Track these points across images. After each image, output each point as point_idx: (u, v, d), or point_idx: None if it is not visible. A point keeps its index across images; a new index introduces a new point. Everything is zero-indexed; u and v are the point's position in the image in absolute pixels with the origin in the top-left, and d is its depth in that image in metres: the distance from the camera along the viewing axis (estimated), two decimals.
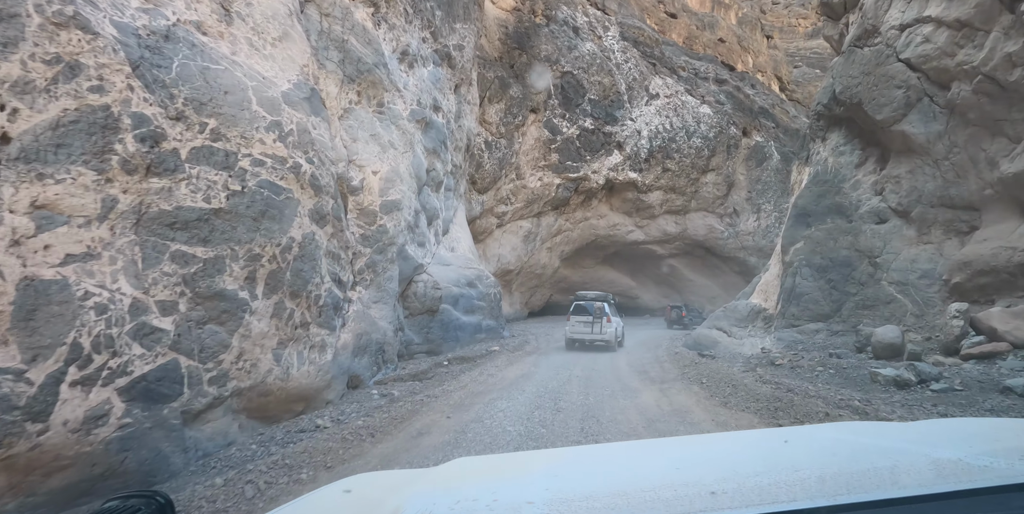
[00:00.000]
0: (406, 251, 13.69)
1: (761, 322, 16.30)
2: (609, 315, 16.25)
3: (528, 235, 30.63)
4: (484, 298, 19.73)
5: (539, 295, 34.04)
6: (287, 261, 7.45)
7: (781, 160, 37.67)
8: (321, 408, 8.32)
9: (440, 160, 16.40)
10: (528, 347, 18.16)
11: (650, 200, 34.53)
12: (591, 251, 34.77)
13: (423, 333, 15.02)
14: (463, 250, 18.89)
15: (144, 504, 1.03)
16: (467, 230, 20.69)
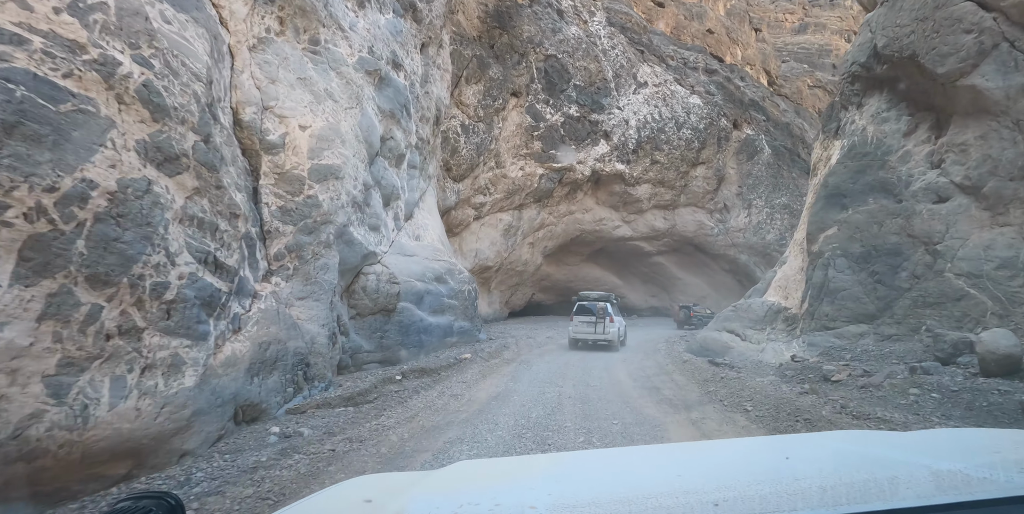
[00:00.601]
0: (350, 234, 10.38)
1: (782, 324, 13.28)
2: (612, 315, 15.40)
3: (508, 229, 27.43)
4: (456, 296, 16.48)
5: (520, 294, 30.89)
6: (77, 221, 4.16)
7: (772, 154, 35.02)
8: (168, 466, 5.01)
9: (401, 128, 13.12)
10: (507, 353, 14.94)
11: (638, 194, 31.56)
12: (576, 247, 31.70)
13: (376, 338, 11.72)
14: (431, 239, 15.63)
15: (155, 505, 0.97)
16: (438, 218, 17.43)
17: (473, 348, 15.42)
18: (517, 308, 31.57)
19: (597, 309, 15.25)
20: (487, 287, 27.98)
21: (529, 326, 26.20)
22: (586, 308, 15.45)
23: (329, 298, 9.35)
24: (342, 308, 10.82)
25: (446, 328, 15.54)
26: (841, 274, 11.83)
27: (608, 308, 15.48)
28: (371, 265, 11.72)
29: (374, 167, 11.78)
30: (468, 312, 17.44)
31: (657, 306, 35.55)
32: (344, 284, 10.81)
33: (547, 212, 29.15)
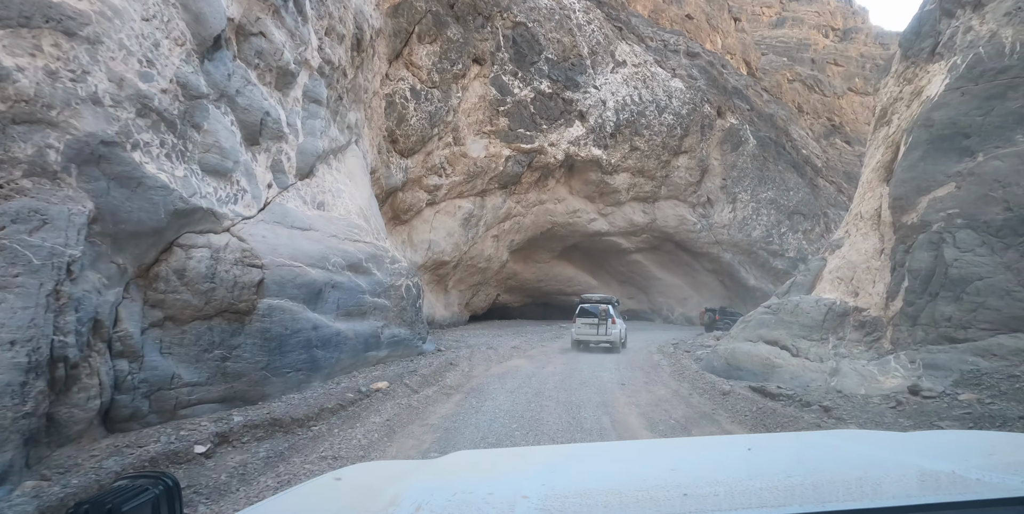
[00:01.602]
0: (128, 163, 5.15)
1: (856, 332, 8.51)
2: (613, 317, 14.62)
3: (469, 218, 22.31)
4: (386, 292, 11.26)
5: (483, 295, 25.76)
6: None
7: (758, 145, 30.85)
8: None
9: (285, 28, 7.92)
10: (452, 375, 9.76)
11: (616, 183, 26.85)
12: (546, 242, 26.77)
13: (213, 361, 6.40)
14: (346, 211, 10.38)
15: (152, 484, 0.94)
16: (366, 188, 12.18)
17: (406, 367, 10.22)
18: (480, 311, 26.38)
19: (599, 311, 14.42)
20: (443, 286, 22.76)
21: (492, 332, 21.06)
22: (588, 311, 14.77)
23: (36, 289, 4.11)
24: (131, 308, 5.56)
25: (368, 338, 10.31)
26: (970, 255, 7.10)
27: (610, 310, 14.62)
28: (204, 234, 6.46)
29: (214, 65, 6.53)
30: (407, 315, 12.24)
31: (635, 309, 30.82)
32: (130, 262, 5.54)
33: (514, 200, 24.13)
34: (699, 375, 9.68)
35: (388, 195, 18.47)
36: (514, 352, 14.17)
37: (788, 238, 30.34)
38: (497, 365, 11.44)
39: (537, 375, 10.20)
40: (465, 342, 16.33)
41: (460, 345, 15.24)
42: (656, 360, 12.91)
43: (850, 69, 40.25)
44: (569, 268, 28.36)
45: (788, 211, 30.67)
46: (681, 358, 12.96)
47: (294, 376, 7.64)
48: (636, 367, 11.67)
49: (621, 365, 12.00)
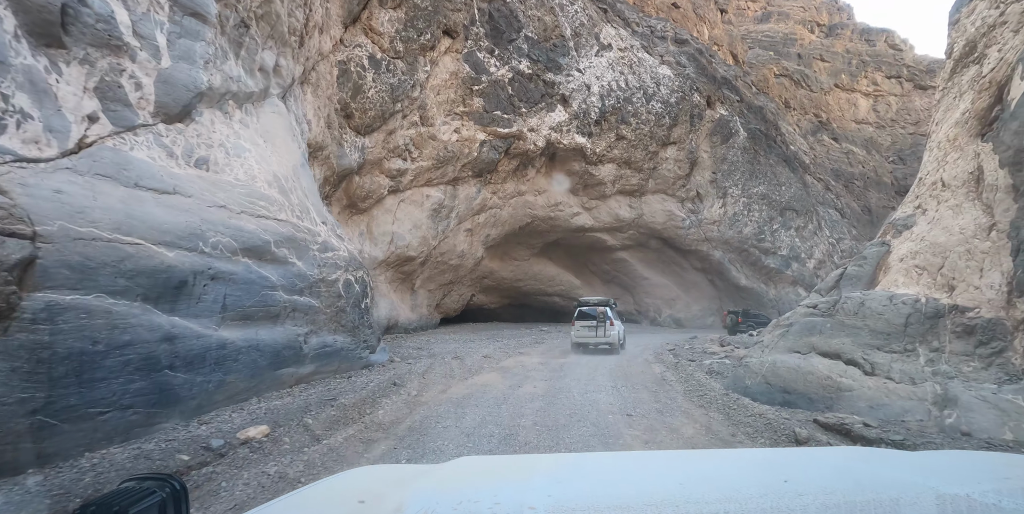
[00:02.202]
0: None
1: (961, 341, 5.81)
2: (612, 319, 13.74)
3: (438, 209, 19.34)
4: (311, 288, 8.24)
5: (456, 295, 22.77)
6: None
7: (748, 138, 28.48)
8: None
9: None
10: (390, 404, 6.72)
11: (601, 175, 24.16)
12: (525, 238, 23.90)
13: None
14: (248, 176, 7.34)
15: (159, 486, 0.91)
16: (286, 150, 9.08)
17: (331, 389, 7.23)
18: (452, 313, 23.36)
19: (598, 313, 13.94)
20: (409, 285, 19.72)
21: (464, 337, 18.09)
22: (587, 313, 14.26)
23: None
24: None
25: (280, 350, 7.30)
26: None
27: (608, 312, 14.04)
28: None
29: None
30: (346, 319, 9.25)
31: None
32: None
33: (490, 191, 21.23)
34: (729, 399, 6.87)
35: (341, 178, 15.43)
36: (485, 363, 11.23)
37: (780, 235, 27.97)
38: (459, 384, 8.49)
39: (510, 400, 7.28)
40: (429, 350, 13.35)
41: (420, 354, 12.26)
42: (658, 373, 10.09)
43: (836, 65, 38.33)
44: (550, 266, 25.53)
45: (780, 207, 28.32)
46: (689, 370, 10.16)
47: (117, 418, 4.61)
48: (637, 383, 8.82)
49: (618, 380, 9.15)
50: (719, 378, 8.76)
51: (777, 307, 27.80)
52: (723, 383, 8.02)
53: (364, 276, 10.36)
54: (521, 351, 14.20)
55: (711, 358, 11.99)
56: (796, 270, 27.97)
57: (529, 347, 15.52)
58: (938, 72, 42.58)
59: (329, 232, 9.73)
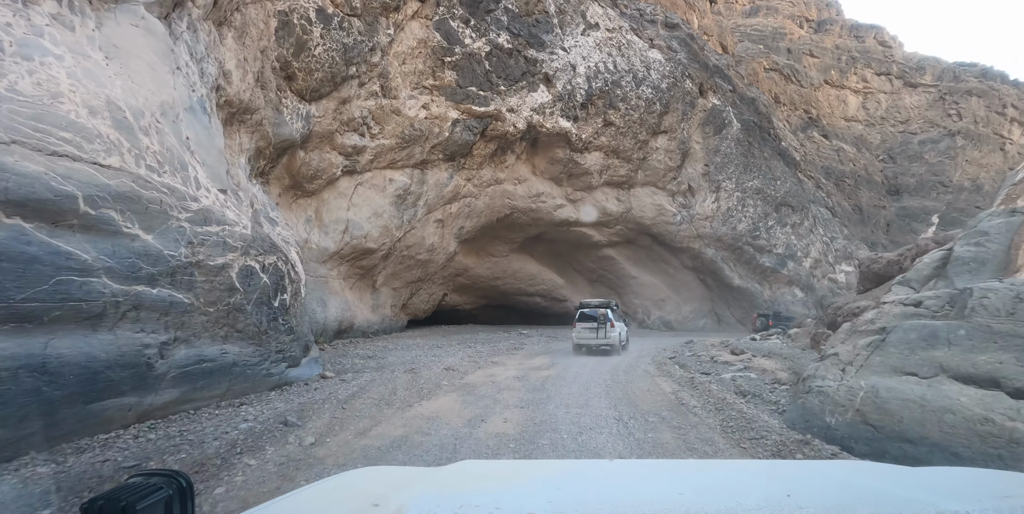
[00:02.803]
0: None
1: None
2: (612, 320, 13.41)
3: (404, 196, 16.53)
4: (174, 276, 5.35)
5: (425, 294, 19.93)
6: None
7: (742, 129, 26.24)
8: None
9: None
10: (247, 475, 3.99)
11: (587, 164, 21.61)
12: (504, 232, 21.19)
13: None
14: (49, 93, 4.55)
15: (166, 483, 0.89)
16: (146, 79, 6.17)
17: (181, 432, 4.41)
18: (422, 314, 20.51)
19: (599, 315, 13.41)
20: (368, 281, 16.85)
21: (430, 342, 15.29)
22: (588, 315, 13.67)
23: None
24: None
25: (98, 373, 4.45)
26: None
27: (609, 314, 13.48)
28: None
29: None
30: (246, 322, 6.43)
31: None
32: None
33: (464, 177, 18.50)
34: (804, 446, 4.25)
35: (281, 152, 12.57)
36: (445, 379, 8.46)
37: (776, 232, 25.72)
38: (395, 416, 5.73)
39: (464, 448, 4.55)
40: (380, 359, 10.54)
41: (366, 366, 9.46)
42: (670, 392, 7.43)
43: (825, 61, 36.55)
44: (531, 264, 22.85)
45: (775, 203, 26.09)
46: (711, 389, 7.53)
47: None
48: (648, 411, 6.15)
49: (621, 405, 6.48)
50: (761, 404, 6.15)
51: (771, 309, 25.53)
52: (779, 416, 5.39)
53: (279, 264, 7.53)
54: (494, 360, 11.48)
55: (728, 370, 9.41)
56: (792, 269, 25.74)
57: (505, 355, 12.81)
58: (928, 70, 41.21)
59: (226, 201, 6.88)
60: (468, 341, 16.18)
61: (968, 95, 34.55)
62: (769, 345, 13.39)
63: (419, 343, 14.75)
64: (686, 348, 14.80)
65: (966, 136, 33.76)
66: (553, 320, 24.65)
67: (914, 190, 34.42)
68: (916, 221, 33.91)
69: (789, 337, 15.97)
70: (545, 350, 14.44)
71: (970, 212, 33.65)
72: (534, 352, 13.83)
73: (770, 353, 11.54)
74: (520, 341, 16.83)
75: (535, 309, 24.28)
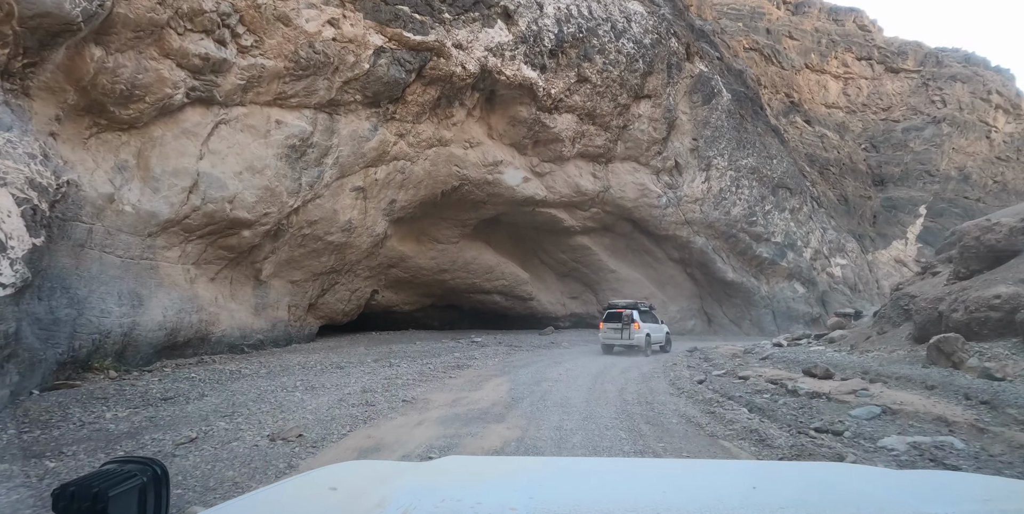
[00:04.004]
0: None
1: None
2: (637, 321, 13.00)
3: (300, 149, 11.10)
4: None
5: (345, 290, 14.44)
6: None
7: (733, 101, 21.92)
8: None
9: None
10: None
11: (557, 128, 16.69)
12: (452, 211, 15.94)
13: None
14: None
15: (140, 470, 0.84)
16: None
17: None
18: (343, 317, 14.96)
19: (623, 316, 13.06)
20: (248, 270, 11.29)
21: (337, 360, 9.89)
22: (614, 315, 13.30)
23: None
24: None
25: None
26: None
27: (634, 315, 13.05)
28: None
29: None
30: None
31: (579, 312, 20.60)
32: None
33: (395, 131, 13.21)
34: None
35: (47, 39, 7.02)
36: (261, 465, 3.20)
37: (774, 218, 21.42)
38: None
39: None
40: (172, 409, 5.10)
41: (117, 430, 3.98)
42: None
43: (805, 43, 33.12)
44: (488, 253, 17.70)
45: (772, 184, 21.83)
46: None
47: None
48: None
49: None
50: None
51: (771, 306, 21.19)
52: None
53: None
54: (413, 395, 6.29)
55: (863, 423, 4.47)
56: (792, 261, 21.50)
57: (437, 380, 7.63)
58: (910, 54, 38.50)
59: None
60: (394, 355, 10.92)
61: (952, 81, 31.66)
62: (834, 356, 8.64)
63: (314, 362, 9.38)
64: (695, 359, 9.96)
65: (952, 123, 30.76)
66: (517, 323, 19.54)
67: (899, 180, 31.16)
68: (903, 212, 30.61)
69: (830, 341, 11.39)
70: (502, 369, 9.34)
71: (959, 203, 30.54)
72: (484, 374, 8.68)
73: (867, 371, 6.74)
74: (469, 353, 11.66)
75: (494, 310, 19.13)
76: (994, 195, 30.68)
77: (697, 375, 8.18)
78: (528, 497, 0.89)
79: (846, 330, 11.40)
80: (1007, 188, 30.89)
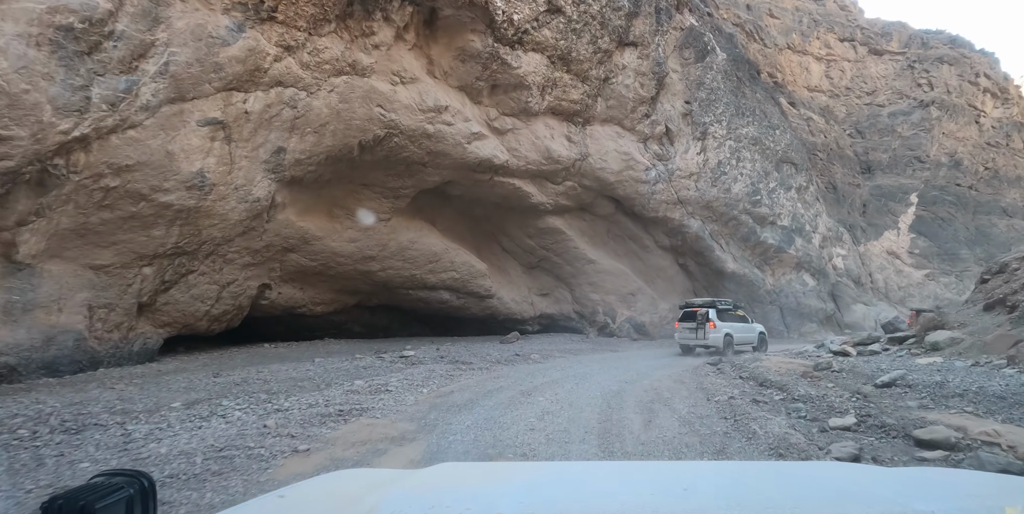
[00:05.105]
0: None
1: None
2: (713, 321, 11.95)
3: (83, 33, 6.35)
4: None
5: (212, 283, 9.62)
6: None
7: (729, 61, 18.13)
8: None
9: None
10: None
11: (522, 70, 12.27)
12: (380, 174, 11.30)
13: None
14: None
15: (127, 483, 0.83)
16: None
17: None
18: (213, 325, 9.97)
19: (698, 315, 12.07)
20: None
21: (120, 402, 5.17)
22: (690, 314, 12.38)
23: None
24: None
25: None
26: None
27: (709, 314, 12.00)
28: None
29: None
30: None
31: (551, 313, 16.19)
32: None
33: (275, 39, 8.47)
34: None
35: None
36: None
37: (780, 197, 17.66)
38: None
39: None
40: None
41: None
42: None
43: (786, 22, 30.13)
44: (432, 236, 13.11)
45: (775, 158, 18.08)
46: None
47: None
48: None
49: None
50: None
51: (777, 302, 17.37)
52: None
53: None
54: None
55: None
56: (800, 248, 17.78)
57: (259, 459, 2.97)
58: (895, 35, 36.18)
59: None
60: (245, 389, 6.28)
61: (939, 63, 29.21)
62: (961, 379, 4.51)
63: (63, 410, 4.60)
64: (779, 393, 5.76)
65: (941, 106, 28.20)
66: (473, 328, 15.01)
67: (888, 167, 28.34)
68: (893, 201, 27.74)
69: (934, 347, 7.37)
70: (424, 416, 4.92)
71: (951, 190, 27.87)
72: (381, 433, 4.22)
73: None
74: (384, 379, 7.07)
75: (442, 311, 14.52)
76: (986, 182, 28.25)
77: (795, 424, 3.88)
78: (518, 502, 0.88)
79: (955, 331, 7.41)
80: (999, 175, 28.51)
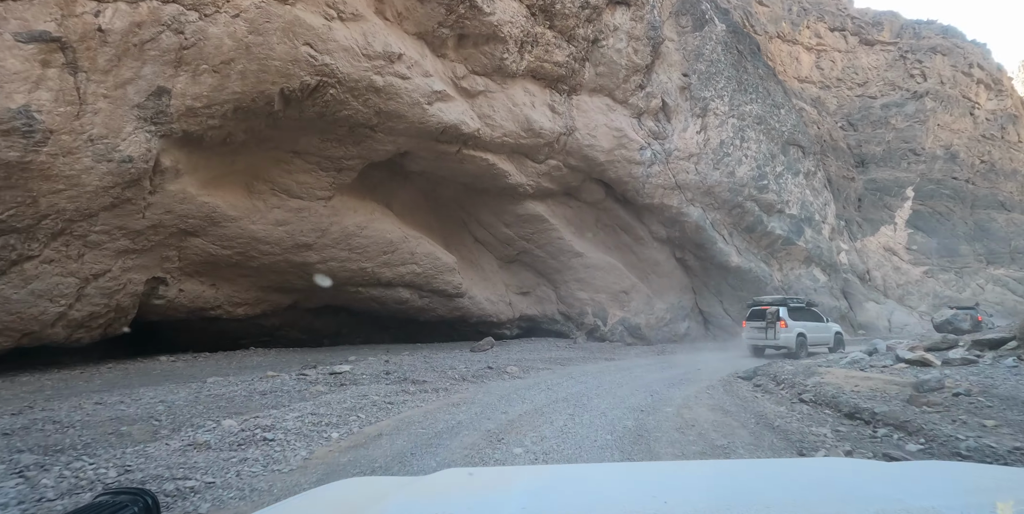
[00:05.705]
0: None
1: None
2: (784, 319, 11.05)
3: None
4: None
5: (67, 275, 7.03)
6: None
7: (729, 32, 16.07)
8: None
9: None
10: None
11: (496, 16, 9.85)
12: (315, 138, 8.85)
13: None
14: None
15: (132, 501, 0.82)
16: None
17: None
18: (77, 333, 7.29)
19: (768, 314, 11.13)
20: None
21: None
22: (758, 313, 11.47)
23: None
24: None
25: None
26: None
27: (780, 312, 11.08)
28: None
29: None
30: None
31: (532, 315, 13.80)
32: None
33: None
34: None
35: None
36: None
37: (787, 183, 15.64)
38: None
39: None
40: None
41: None
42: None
43: (776, 10, 28.54)
44: (387, 221, 10.60)
45: (782, 140, 16.07)
46: None
47: None
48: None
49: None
50: None
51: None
52: None
53: None
54: None
55: None
56: (810, 240, 15.78)
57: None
58: (886, 25, 34.94)
59: None
60: (10, 453, 3.59)
61: (932, 53, 27.90)
62: None
63: None
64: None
65: (935, 97, 26.84)
66: (440, 333, 12.54)
67: (882, 160, 26.84)
68: (888, 195, 26.20)
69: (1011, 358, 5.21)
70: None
71: (947, 184, 26.43)
72: None
73: None
74: (269, 422, 4.57)
75: (402, 313, 11.97)
76: (982, 175, 26.94)
77: None
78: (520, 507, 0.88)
79: None
80: (995, 168, 27.25)
